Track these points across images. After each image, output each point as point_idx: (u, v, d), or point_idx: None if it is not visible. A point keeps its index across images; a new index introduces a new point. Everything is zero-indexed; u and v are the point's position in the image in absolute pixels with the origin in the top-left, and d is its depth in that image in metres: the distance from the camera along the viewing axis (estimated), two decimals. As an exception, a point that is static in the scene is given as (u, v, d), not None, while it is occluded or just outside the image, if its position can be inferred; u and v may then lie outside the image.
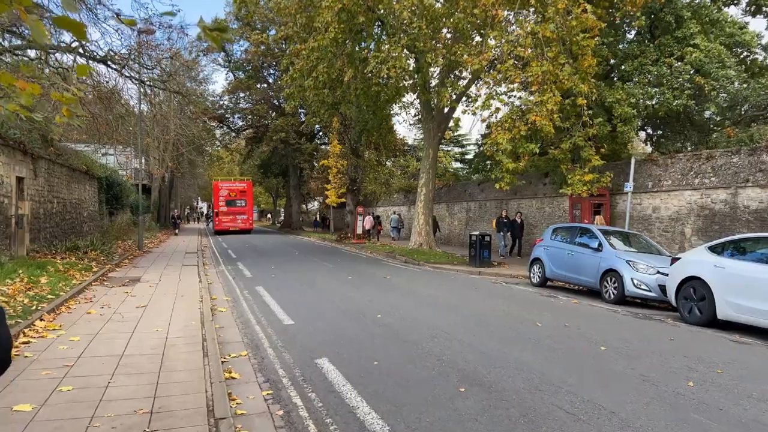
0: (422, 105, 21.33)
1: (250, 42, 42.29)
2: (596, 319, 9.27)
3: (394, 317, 8.67)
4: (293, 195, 48.51)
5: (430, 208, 21.59)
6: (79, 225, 19.96)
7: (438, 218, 31.15)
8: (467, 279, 14.58)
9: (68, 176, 18.52)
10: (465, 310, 9.51)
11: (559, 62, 14.77)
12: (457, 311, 9.43)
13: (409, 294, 11.36)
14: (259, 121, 45.93)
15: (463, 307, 9.81)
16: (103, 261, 15.21)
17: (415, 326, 8.02)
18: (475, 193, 27.58)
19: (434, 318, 8.69)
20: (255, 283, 12.68)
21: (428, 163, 21.35)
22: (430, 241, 21.40)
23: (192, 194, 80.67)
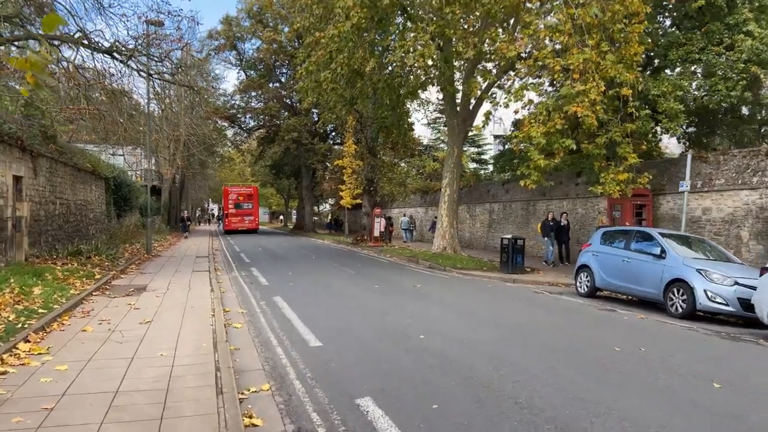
0: (446, 99, 20.07)
1: (262, 40, 41.31)
2: (679, 340, 7.92)
3: (440, 339, 7.40)
4: (306, 196, 47.39)
5: (454, 209, 20.31)
6: (84, 228, 18.91)
7: (461, 219, 29.88)
8: (504, 288, 13.27)
9: (72, 176, 17.46)
10: (522, 330, 8.22)
11: (602, 50, 13.46)
12: (513, 331, 8.15)
13: (448, 307, 10.09)
14: (271, 120, 44.90)
15: (517, 326, 8.51)
16: (107, 267, 14.10)
17: (469, 352, 6.75)
18: (499, 193, 26.23)
19: (489, 341, 7.41)
20: (272, 293, 11.47)
21: (452, 162, 20.08)
22: (455, 245, 20.11)
23: (203, 196, 79.96)
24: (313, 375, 5.77)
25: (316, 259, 19.62)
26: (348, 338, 7.45)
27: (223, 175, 75.09)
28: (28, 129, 13.06)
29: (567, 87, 13.04)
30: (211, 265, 16.86)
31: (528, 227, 23.78)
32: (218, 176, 70.81)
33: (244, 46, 45.58)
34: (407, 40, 14.26)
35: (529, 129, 13.12)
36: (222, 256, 21.44)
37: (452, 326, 8.28)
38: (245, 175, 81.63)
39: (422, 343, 7.16)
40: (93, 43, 14.88)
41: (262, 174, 65.96)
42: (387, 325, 8.26)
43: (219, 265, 17.60)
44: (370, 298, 10.79)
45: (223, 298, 10.90)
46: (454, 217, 20.40)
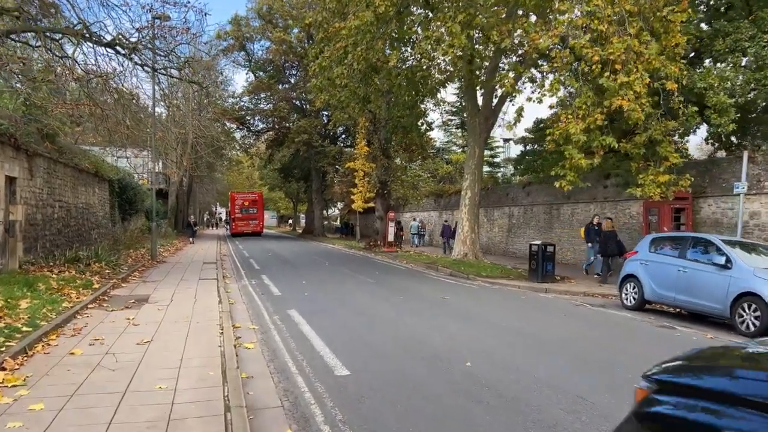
0: (467, 97, 19.00)
1: (271, 41, 40.47)
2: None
3: (488, 367, 6.28)
4: (315, 200, 46.41)
5: (476, 213, 19.19)
6: (86, 232, 17.95)
7: (480, 224, 28.71)
8: (538, 299, 12.13)
9: (73, 177, 16.51)
10: (584, 356, 7.07)
11: (643, 39, 12.33)
12: (571, 355, 7.02)
13: (486, 323, 8.97)
14: (280, 123, 44.01)
15: (575, 349, 7.36)
16: (108, 275, 13.09)
17: (529, 385, 5.61)
18: (519, 197, 25.08)
19: (548, 368, 6.28)
20: (286, 305, 10.40)
21: (473, 163, 18.97)
22: (476, 251, 18.98)
23: (210, 199, 79.15)
24: (344, 418, 4.67)
25: (330, 266, 18.55)
26: (379, 364, 6.35)
27: (231, 178, 74.29)
28: (23, 126, 12.10)
29: (607, 79, 11.91)
30: (219, 272, 15.84)
31: (551, 232, 22.61)
32: (226, 180, 69.98)
33: (253, 47, 44.82)
34: (432, 30, 13.18)
35: (567, 125, 11.99)
36: (230, 262, 20.42)
37: (496, 349, 7.16)
38: (253, 179, 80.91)
39: (470, 371, 6.04)
40: (95, 36, 13.94)
41: (271, 177, 65.08)
42: (422, 347, 7.16)
43: (227, 272, 16.57)
44: (397, 313, 9.70)
45: (233, 310, 9.84)
46: (476, 221, 19.28)
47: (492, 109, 18.79)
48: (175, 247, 26.50)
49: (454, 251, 19.19)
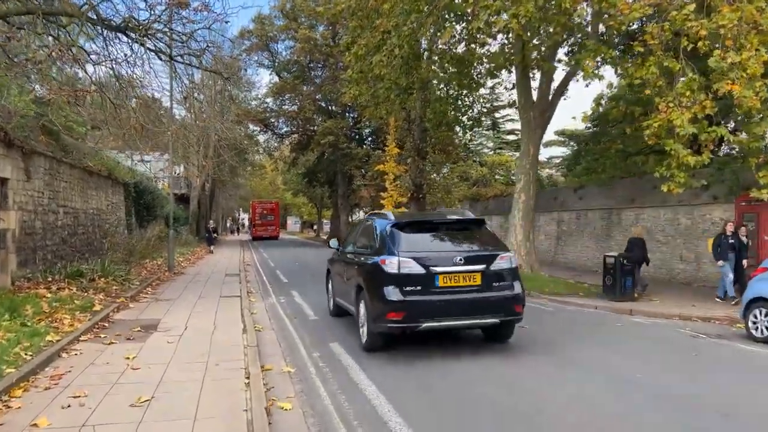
0: (520, 88, 16.80)
1: (296, 39, 38.80)
2: None
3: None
4: (341, 205, 44.49)
5: (531, 219, 16.94)
6: (97, 241, 16.23)
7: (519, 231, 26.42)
8: (631, 325, 9.87)
9: (82, 180, 14.80)
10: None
11: (758, 5, 10.04)
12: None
13: (605, 374, 6.81)
14: (305, 125, 42.29)
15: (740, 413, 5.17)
16: (115, 292, 11.24)
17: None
18: (570, 201, 22.73)
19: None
20: (326, 335, 8.37)
21: (527, 163, 16.75)
22: (533, 263, 16.73)
23: (233, 205, 78.00)
24: None
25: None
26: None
27: (254, 184, 73.04)
28: (16, 118, 10.33)
29: (718, 59, 9.64)
30: (242, 286, 13.91)
31: (609, 240, 20.22)
32: (249, 185, 68.67)
33: (277, 47, 43.26)
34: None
35: (669, 113, 9.74)
36: (255, 273, 18.52)
37: (623, 414, 4.99)
38: (276, 184, 79.58)
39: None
40: (103, 19, 12.18)
41: (294, 183, 63.56)
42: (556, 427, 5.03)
43: (252, 287, 14.65)
44: (471, 350, 7.60)
45: (261, 341, 7.84)
46: (531, 228, 17.03)
47: (549, 100, 16.56)
48: (196, 256, 24.78)
49: (506, 262, 16.95)
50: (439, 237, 7.46)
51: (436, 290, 6.73)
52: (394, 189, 31.34)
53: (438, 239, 7.42)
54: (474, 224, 7.93)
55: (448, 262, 6.84)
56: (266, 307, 11.25)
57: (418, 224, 7.70)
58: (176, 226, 31.40)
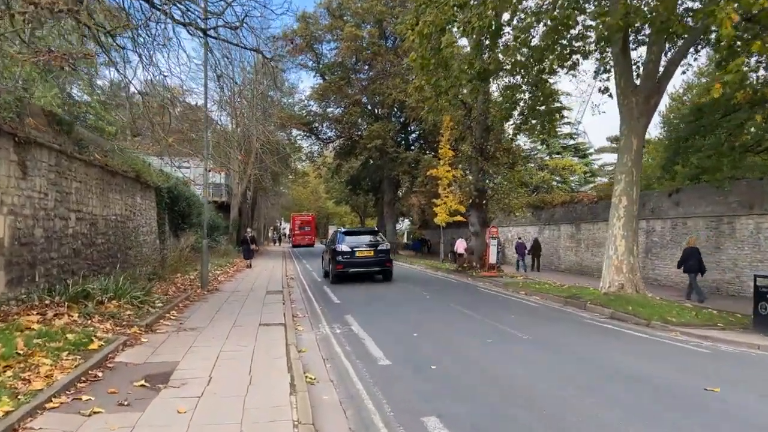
0: (619, 69, 13.80)
1: (342, 38, 36.65)
2: None
3: None
4: (387, 213, 41.85)
5: (634, 228, 13.80)
6: (122, 252, 14.07)
7: (598, 242, 23.15)
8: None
9: (102, 181, 12.64)
10: None
11: None
12: None
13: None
14: (349, 129, 40.02)
15: None
16: (127, 319, 8.86)
17: None
18: (663, 207, 19.35)
19: None
20: (411, 396, 5.67)
21: (629, 160, 13.68)
22: (637, 281, 13.58)
23: (275, 214, 76.61)
24: None
25: (433, 300, 13.71)
26: None
27: (296, 193, 71.56)
28: (3, 97, 8.13)
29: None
30: (287, 309, 11.38)
31: (720, 254, 16.83)
32: (291, 194, 67.16)
33: (321, 48, 41.26)
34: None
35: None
36: (300, 290, 16.04)
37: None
38: (318, 193, 77.85)
39: None
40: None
41: (337, 191, 61.57)
42: None
43: (297, 307, 12.14)
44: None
45: (316, 407, 5.20)
46: (635, 240, 13.90)
47: (656, 82, 13.49)
48: (236, 268, 22.59)
49: (604, 281, 13.85)
50: (358, 236, 18.34)
51: (355, 257, 17.16)
52: (448, 195, 28.54)
53: (358, 237, 18.17)
54: (373, 232, 19.74)
55: (361, 246, 17.45)
56: (317, 340, 8.64)
57: (351, 232, 19.17)
58: (215, 236, 29.52)
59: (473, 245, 23.09)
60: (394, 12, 36.93)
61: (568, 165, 32.78)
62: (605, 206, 22.99)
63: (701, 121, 16.27)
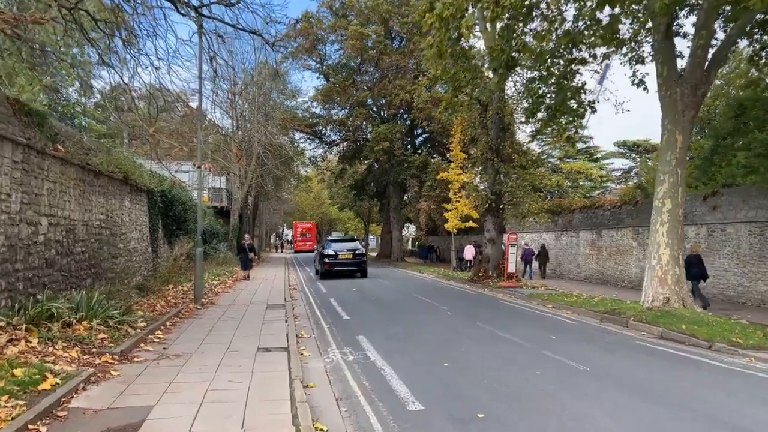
0: (661, 57, 12.34)
1: (346, 37, 35.33)
2: None
3: None
4: (394, 219, 40.41)
5: (679, 235, 12.30)
6: (106, 262, 12.61)
7: (622, 250, 21.64)
8: None
9: (81, 182, 11.21)
10: None
11: None
12: None
13: None
14: (354, 132, 38.65)
15: None
16: (100, 344, 7.39)
17: None
18: (699, 212, 17.81)
19: None
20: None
21: (673, 158, 12.21)
22: (684, 294, 12.07)
23: (278, 221, 75.13)
24: None
25: (455, 316, 12.19)
26: None
27: (299, 198, 70.22)
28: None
29: None
30: (290, 327, 9.91)
31: (764, 263, 15.31)
32: (293, 199, 65.86)
33: (325, 49, 39.96)
34: None
35: None
36: (304, 303, 14.57)
37: None
38: (321, 199, 76.40)
39: None
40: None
41: (341, 196, 60.17)
42: None
43: (302, 324, 10.66)
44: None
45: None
46: (680, 247, 12.39)
47: (704, 71, 12.03)
48: (235, 277, 21.13)
49: (647, 293, 12.35)
50: (341, 243, 24.40)
51: (338, 259, 22.79)
52: (460, 200, 27.04)
53: (341, 243, 24.27)
54: (352, 240, 26.02)
55: (343, 250, 23.22)
56: (327, 370, 7.15)
57: (335, 240, 25.32)
58: (214, 243, 28.07)
59: (489, 253, 21.58)
60: (400, 11, 35.70)
61: (583, 169, 31.29)
62: (630, 211, 21.52)
63: (743, 117, 14.85)
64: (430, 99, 32.01)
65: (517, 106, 21.62)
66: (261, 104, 32.36)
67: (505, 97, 20.86)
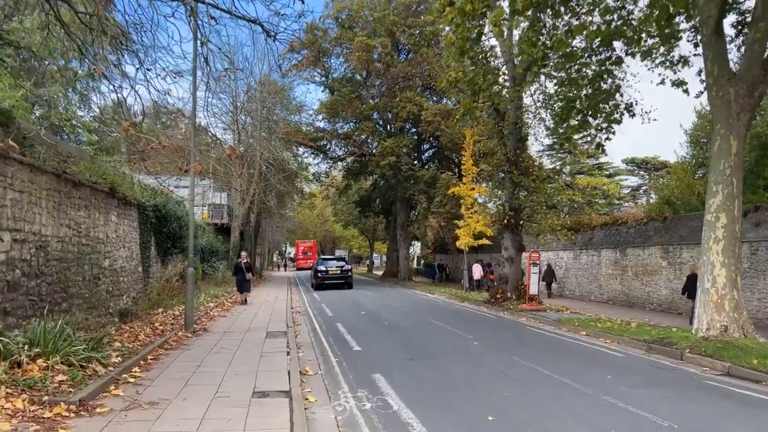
0: (710, 54, 10.99)
1: (352, 48, 34.31)
2: None
3: None
4: (400, 236, 38.89)
5: (736, 253, 10.79)
6: (88, 284, 11.18)
7: (649, 269, 20.10)
8: None
9: (56, 192, 9.84)
10: None
11: None
12: None
13: None
14: (360, 146, 37.43)
15: None
16: (56, 389, 5.93)
17: None
18: (744, 228, 16.22)
19: None
20: None
21: (726, 166, 10.78)
22: (744, 322, 10.53)
23: (281, 238, 73.69)
24: None
25: (483, 348, 10.64)
26: None
27: (302, 216, 69.00)
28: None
29: None
30: (292, 361, 8.43)
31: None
32: (296, 217, 64.66)
33: (330, 62, 38.98)
34: None
35: None
36: (308, 329, 13.08)
37: None
38: (325, 216, 75.05)
39: None
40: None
41: (345, 213, 58.83)
42: None
43: (306, 356, 9.18)
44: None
45: None
46: (738, 267, 10.87)
47: (762, 68, 10.68)
48: (234, 298, 19.66)
49: (700, 321, 10.81)
50: (332, 261, 31.43)
51: (329, 274, 28.40)
52: (472, 216, 25.61)
53: (331, 261, 31.32)
54: (341, 258, 34.40)
55: (333, 267, 29.25)
56: (339, 425, 5.66)
57: (327, 258, 32.65)
58: (213, 261, 26.63)
59: (507, 272, 20.06)
60: (407, 22, 34.73)
61: (600, 184, 29.88)
62: (657, 228, 20.02)
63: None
64: (439, 112, 30.81)
65: (535, 116, 20.33)
66: (264, 118, 31.20)
67: (524, 105, 19.57)
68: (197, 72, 12.09)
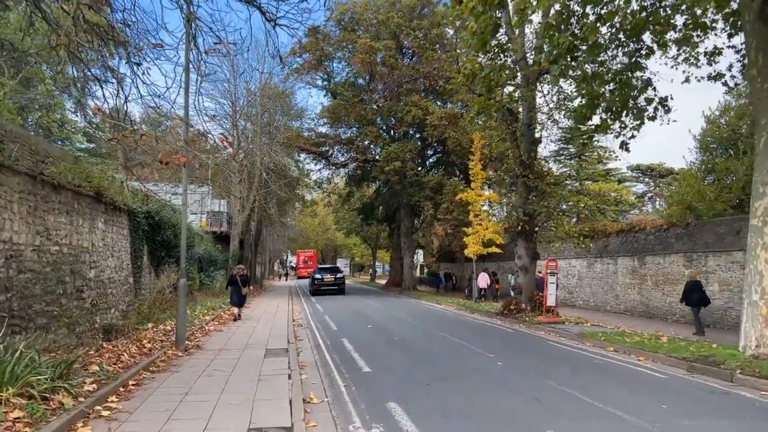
0: (753, 38, 10.00)
1: (355, 51, 33.46)
2: None
3: None
4: (405, 244, 37.82)
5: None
6: (70, 297, 10.14)
7: (671, 279, 18.99)
8: None
9: (32, 195, 8.83)
10: None
11: None
12: None
13: None
14: (363, 152, 36.48)
15: None
16: (11, 428, 4.87)
17: None
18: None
19: None
20: None
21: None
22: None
23: (281, 247, 72.61)
24: None
25: (509, 370, 9.54)
26: None
27: (303, 224, 68.13)
28: None
29: None
30: (294, 386, 7.37)
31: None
32: (298, 225, 63.64)
33: (332, 66, 38.15)
34: None
35: None
36: (311, 346, 12.00)
37: None
38: (326, 224, 74.03)
39: None
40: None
41: (347, 221, 57.82)
42: None
43: (310, 380, 8.12)
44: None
45: None
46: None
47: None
48: (230, 313, 18.54)
49: (748, 337, 9.74)
50: (327, 270, 35.23)
51: (324, 281, 32.81)
52: (481, 223, 24.59)
53: (327, 270, 35.10)
54: (335, 268, 36.69)
55: (327, 275, 33.49)
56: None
57: (323, 268, 36.16)
58: (210, 271, 25.58)
59: (521, 282, 18.99)
60: (411, 24, 33.92)
61: (613, 190, 28.89)
62: (679, 235, 18.93)
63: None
64: (445, 115, 29.87)
65: (549, 118, 19.36)
66: (265, 123, 30.29)
67: (537, 106, 18.59)
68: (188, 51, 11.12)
